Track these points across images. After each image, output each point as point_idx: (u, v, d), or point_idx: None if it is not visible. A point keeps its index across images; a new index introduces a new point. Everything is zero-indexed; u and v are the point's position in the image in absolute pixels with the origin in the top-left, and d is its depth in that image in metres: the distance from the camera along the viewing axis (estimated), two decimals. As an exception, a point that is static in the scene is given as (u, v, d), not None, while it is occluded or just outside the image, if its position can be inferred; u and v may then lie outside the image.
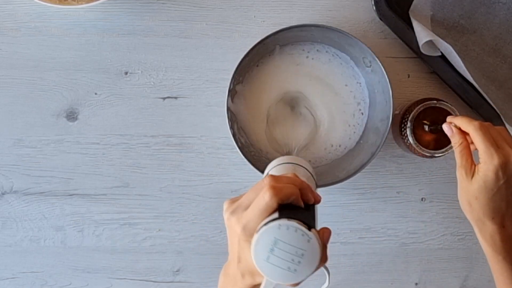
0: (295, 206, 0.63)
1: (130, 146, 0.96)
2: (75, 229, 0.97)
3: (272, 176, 0.63)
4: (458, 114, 0.91)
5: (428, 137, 0.89)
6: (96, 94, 0.96)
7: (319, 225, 0.66)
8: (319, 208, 0.97)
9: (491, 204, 0.75)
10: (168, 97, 0.96)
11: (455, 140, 0.79)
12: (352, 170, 0.90)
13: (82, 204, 0.97)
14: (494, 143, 0.75)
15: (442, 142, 0.91)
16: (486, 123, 0.78)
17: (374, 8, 0.92)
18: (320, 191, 0.96)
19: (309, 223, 0.61)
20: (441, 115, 0.91)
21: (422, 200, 0.97)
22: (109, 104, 0.96)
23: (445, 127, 0.81)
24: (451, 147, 0.91)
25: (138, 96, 0.96)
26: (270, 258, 0.59)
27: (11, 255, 0.97)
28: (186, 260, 0.98)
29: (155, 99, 0.96)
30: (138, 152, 0.96)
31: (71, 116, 0.96)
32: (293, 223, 0.59)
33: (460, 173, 0.77)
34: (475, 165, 0.76)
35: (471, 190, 0.76)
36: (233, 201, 0.66)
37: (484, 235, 0.77)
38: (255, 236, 0.59)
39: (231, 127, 0.90)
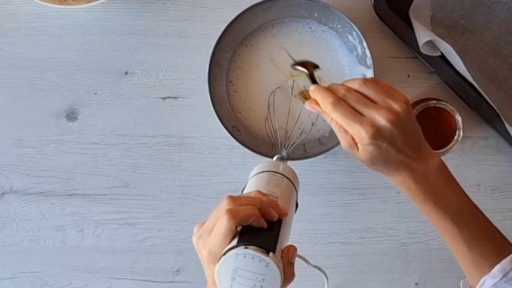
0: (256, 228, 0.64)
1: (130, 146, 0.96)
2: (75, 229, 0.97)
3: (230, 198, 0.65)
4: (458, 114, 0.91)
5: (428, 137, 0.89)
6: (96, 94, 0.96)
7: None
8: (319, 208, 0.97)
9: (389, 162, 0.73)
10: (168, 97, 0.96)
11: (325, 117, 0.75)
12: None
13: (82, 204, 0.97)
14: (356, 115, 0.72)
15: (442, 142, 0.91)
16: (341, 90, 0.73)
17: (374, 8, 0.92)
18: (319, 189, 0.97)
19: (269, 245, 0.62)
20: (441, 115, 0.91)
21: (422, 200, 0.97)
22: (109, 104, 0.96)
23: (308, 108, 0.76)
24: (452, 147, 0.91)
25: (138, 96, 0.96)
26: (233, 285, 0.61)
27: (11, 255, 0.97)
28: (186, 260, 0.98)
29: (155, 99, 0.96)
30: (138, 152, 0.96)
31: (71, 116, 0.96)
32: (249, 251, 0.60)
33: (345, 147, 0.74)
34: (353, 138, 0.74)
35: (365, 159, 0.74)
36: (201, 224, 0.67)
37: (398, 184, 0.76)
38: (216, 266, 0.61)
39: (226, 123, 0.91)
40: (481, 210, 0.76)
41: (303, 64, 0.87)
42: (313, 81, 0.84)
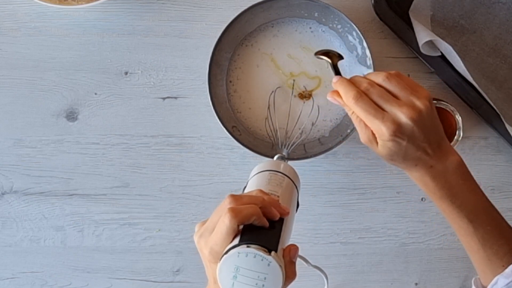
0: (258, 227, 0.64)
1: (130, 146, 0.96)
2: (75, 229, 0.97)
3: (232, 196, 0.65)
4: (458, 114, 0.91)
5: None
6: (96, 94, 0.96)
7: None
8: (319, 208, 0.97)
9: (408, 159, 0.73)
10: (168, 97, 0.96)
11: (346, 109, 0.75)
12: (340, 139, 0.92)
13: (82, 204, 0.97)
14: (378, 111, 0.71)
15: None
16: (364, 84, 0.73)
17: (374, 8, 0.92)
18: (319, 189, 0.97)
19: (270, 244, 0.62)
20: (441, 115, 0.91)
21: (422, 200, 0.97)
22: (109, 104, 0.96)
23: (330, 99, 0.76)
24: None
25: (138, 96, 0.96)
26: (234, 284, 0.61)
27: (11, 255, 0.97)
28: (186, 260, 0.98)
29: (155, 99, 0.96)
30: (138, 152, 0.96)
31: (71, 116, 0.96)
32: (251, 250, 0.61)
33: (364, 141, 0.74)
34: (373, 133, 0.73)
35: (384, 155, 0.74)
36: (203, 223, 0.67)
37: (416, 180, 0.76)
38: (218, 265, 0.61)
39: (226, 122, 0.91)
40: (497, 210, 0.76)
41: (327, 53, 0.83)
42: (336, 71, 0.80)
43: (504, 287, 0.72)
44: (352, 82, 0.75)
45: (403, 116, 0.71)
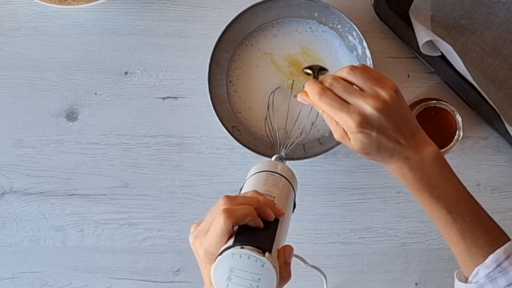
0: (253, 228, 0.64)
1: (130, 146, 0.96)
2: (75, 229, 0.97)
3: (226, 197, 0.65)
4: (458, 114, 0.91)
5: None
6: (96, 94, 0.96)
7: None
8: (319, 208, 0.97)
9: (382, 151, 0.73)
10: (168, 97, 0.96)
11: (317, 109, 0.76)
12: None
13: (82, 204, 0.97)
14: (343, 104, 0.72)
15: (442, 142, 0.91)
16: (328, 79, 0.74)
17: (374, 8, 0.92)
18: (319, 189, 0.97)
19: (265, 245, 0.62)
20: (441, 115, 0.91)
21: (422, 200, 0.97)
22: (109, 104, 0.96)
23: (299, 99, 0.77)
24: (452, 147, 0.91)
25: (138, 96, 0.96)
26: (229, 285, 0.61)
27: (11, 255, 0.97)
28: (186, 260, 0.98)
29: (155, 99, 0.96)
30: (138, 152, 0.96)
31: (71, 116, 0.96)
32: (245, 251, 0.60)
33: (338, 138, 0.75)
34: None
35: (357, 149, 0.74)
36: (198, 224, 0.67)
37: (394, 172, 0.75)
38: (212, 266, 0.61)
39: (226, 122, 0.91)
40: (476, 200, 0.76)
41: (311, 67, 0.88)
42: None
43: (484, 277, 0.73)
44: (320, 81, 0.75)
45: (367, 106, 0.71)
